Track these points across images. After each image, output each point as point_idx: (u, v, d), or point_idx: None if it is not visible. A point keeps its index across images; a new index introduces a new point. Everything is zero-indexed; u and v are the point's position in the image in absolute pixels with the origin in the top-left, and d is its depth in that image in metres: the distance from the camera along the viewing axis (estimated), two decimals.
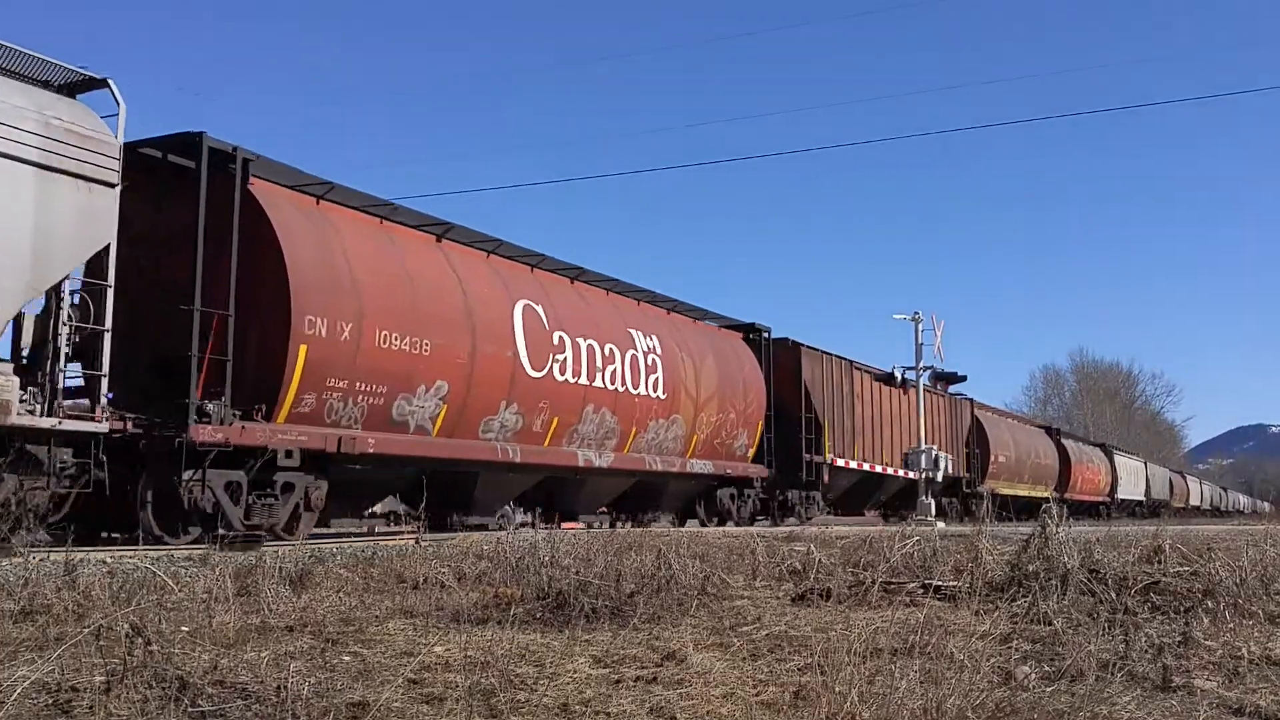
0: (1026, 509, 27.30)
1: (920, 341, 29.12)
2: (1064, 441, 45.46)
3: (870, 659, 4.42)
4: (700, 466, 19.49)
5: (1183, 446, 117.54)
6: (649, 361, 17.87)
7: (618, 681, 4.35)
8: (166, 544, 10.30)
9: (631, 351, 17.45)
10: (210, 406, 10.74)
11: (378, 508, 16.03)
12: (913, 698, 3.71)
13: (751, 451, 21.37)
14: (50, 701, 3.74)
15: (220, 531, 10.73)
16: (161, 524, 10.70)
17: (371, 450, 12.52)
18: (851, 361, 26.08)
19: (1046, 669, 4.62)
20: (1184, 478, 76.66)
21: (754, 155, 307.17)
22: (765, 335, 22.84)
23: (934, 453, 27.74)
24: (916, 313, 29.44)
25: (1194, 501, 74.84)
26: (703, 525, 16.03)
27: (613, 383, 16.82)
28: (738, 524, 19.76)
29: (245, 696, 3.82)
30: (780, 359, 22.95)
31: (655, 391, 17.89)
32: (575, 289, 17.16)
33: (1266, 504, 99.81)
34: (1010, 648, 5.08)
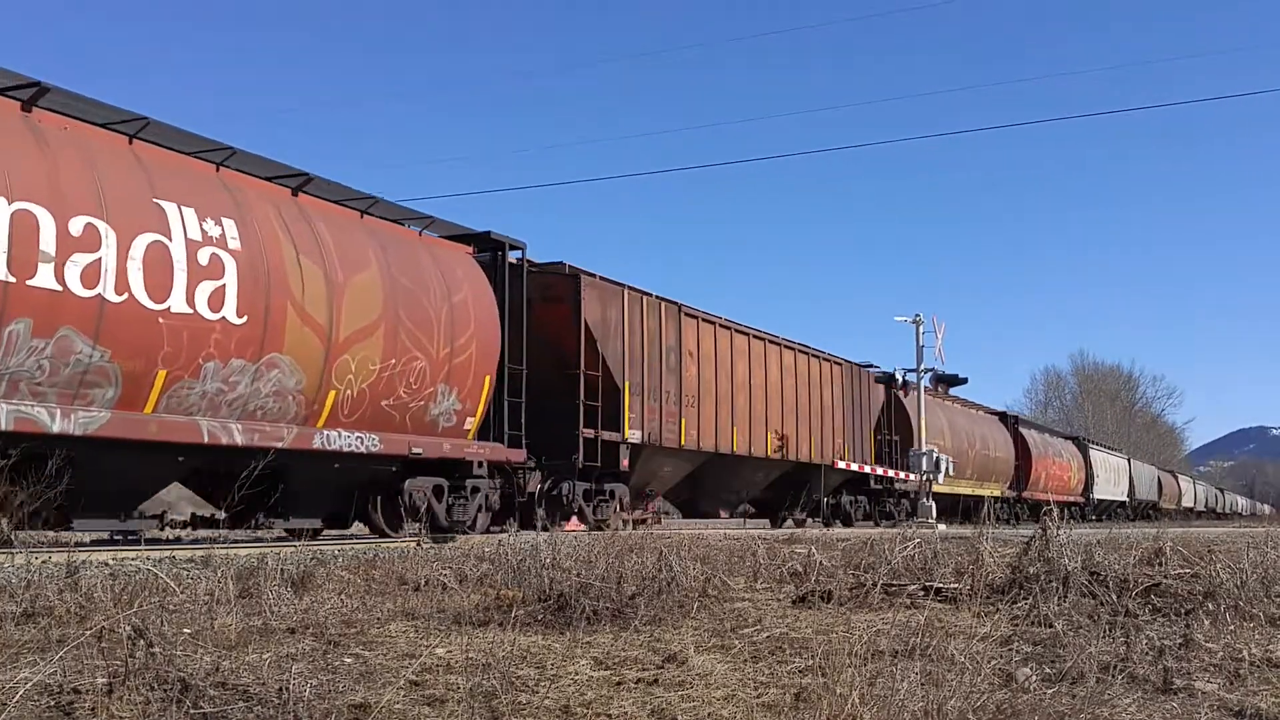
0: (973, 510, 23.79)
1: (921, 344, 29.13)
2: (1023, 431, 39.73)
3: (871, 661, 4.44)
4: (349, 442, 12.35)
5: (1184, 449, 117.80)
6: (202, 258, 10.66)
7: (619, 683, 4.36)
8: None
9: (154, 238, 10.24)
10: None
11: None
12: (914, 700, 3.71)
13: (473, 422, 14.21)
14: (52, 703, 3.75)
15: None
16: None
17: None
18: (680, 305, 18.97)
19: (1047, 671, 4.63)
20: (1175, 478, 73.02)
21: (755, 158, 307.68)
22: (516, 253, 15.36)
23: (935, 454, 27.49)
24: (917, 315, 29.46)
25: (1186, 503, 71.68)
26: (381, 536, 11.28)
27: (92, 285, 9.68)
28: (452, 530, 13.57)
29: (247, 698, 3.83)
30: (548, 291, 16.11)
31: (218, 311, 10.77)
32: (28, 122, 9.79)
33: (1266, 506, 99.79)
34: (1011, 650, 5.09)
